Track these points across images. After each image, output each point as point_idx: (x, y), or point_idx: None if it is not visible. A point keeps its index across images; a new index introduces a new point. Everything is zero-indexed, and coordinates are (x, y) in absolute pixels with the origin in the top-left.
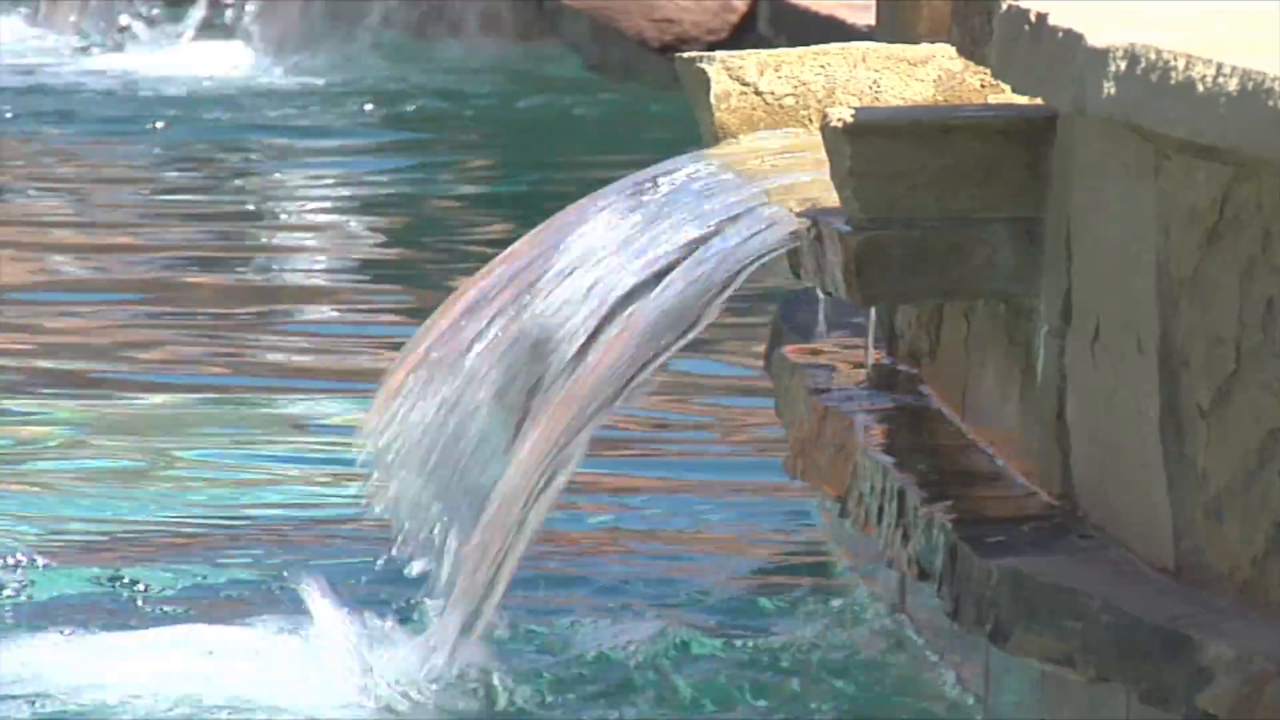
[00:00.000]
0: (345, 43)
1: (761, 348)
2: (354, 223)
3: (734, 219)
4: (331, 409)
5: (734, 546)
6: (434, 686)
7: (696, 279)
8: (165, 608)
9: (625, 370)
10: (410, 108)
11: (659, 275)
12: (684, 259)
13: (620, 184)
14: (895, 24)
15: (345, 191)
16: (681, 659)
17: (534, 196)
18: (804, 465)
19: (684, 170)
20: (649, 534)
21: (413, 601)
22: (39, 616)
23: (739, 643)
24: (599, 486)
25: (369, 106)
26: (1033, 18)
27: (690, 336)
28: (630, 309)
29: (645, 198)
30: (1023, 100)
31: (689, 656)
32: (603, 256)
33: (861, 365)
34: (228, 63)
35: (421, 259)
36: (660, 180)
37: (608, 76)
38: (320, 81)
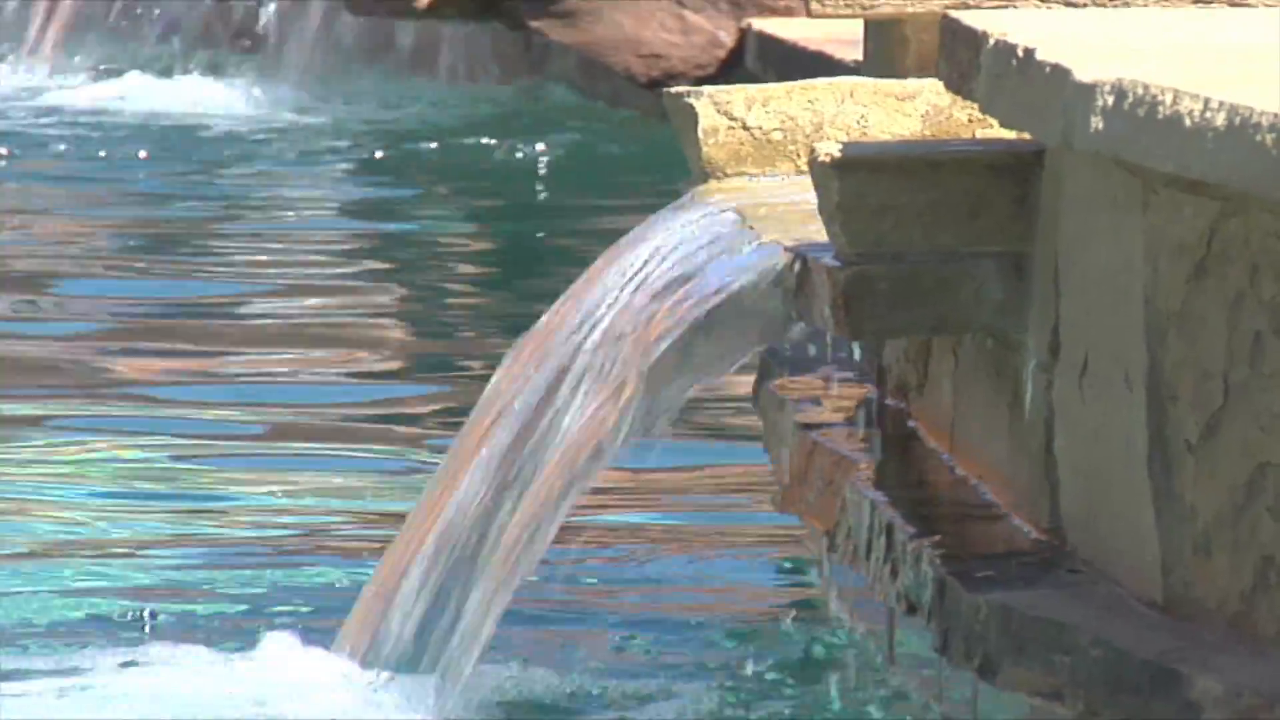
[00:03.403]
0: (335, 81)
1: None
2: (337, 264)
3: (721, 255)
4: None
5: (726, 590)
6: None
7: (686, 317)
8: (131, 641)
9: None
10: (397, 146)
11: (648, 314)
12: (674, 296)
13: (623, 242)
14: (883, 59)
15: (330, 230)
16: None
17: (523, 240)
18: (792, 500)
19: (678, 214)
20: (641, 581)
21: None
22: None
23: (729, 684)
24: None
25: (357, 146)
26: (1020, 52)
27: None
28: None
29: (648, 254)
30: (1010, 135)
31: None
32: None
33: (850, 399)
34: (215, 100)
35: (413, 301)
36: (657, 228)
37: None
38: (310, 120)
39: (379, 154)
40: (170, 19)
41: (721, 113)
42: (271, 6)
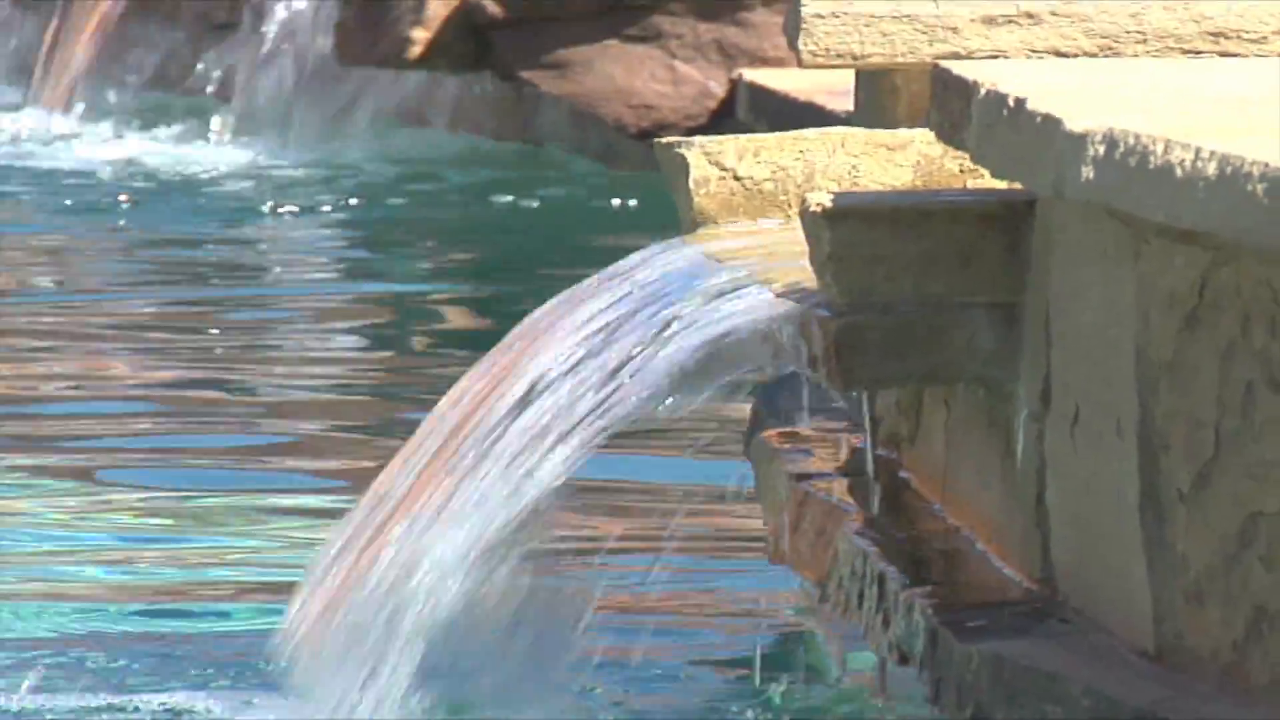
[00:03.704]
0: (321, 131)
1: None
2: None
3: (714, 304)
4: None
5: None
6: None
7: (675, 364)
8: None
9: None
10: (387, 198)
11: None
12: (663, 345)
13: (597, 278)
14: (874, 109)
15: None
16: None
17: (516, 290)
18: (785, 551)
19: (664, 257)
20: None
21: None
22: None
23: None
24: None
25: (345, 197)
26: (1011, 102)
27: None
28: (606, 394)
29: (623, 289)
30: (1002, 185)
31: None
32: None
33: (842, 449)
34: (195, 150)
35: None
36: (640, 269)
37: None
38: (297, 171)
39: (363, 205)
40: (150, 68)
41: (713, 163)
42: (257, 57)
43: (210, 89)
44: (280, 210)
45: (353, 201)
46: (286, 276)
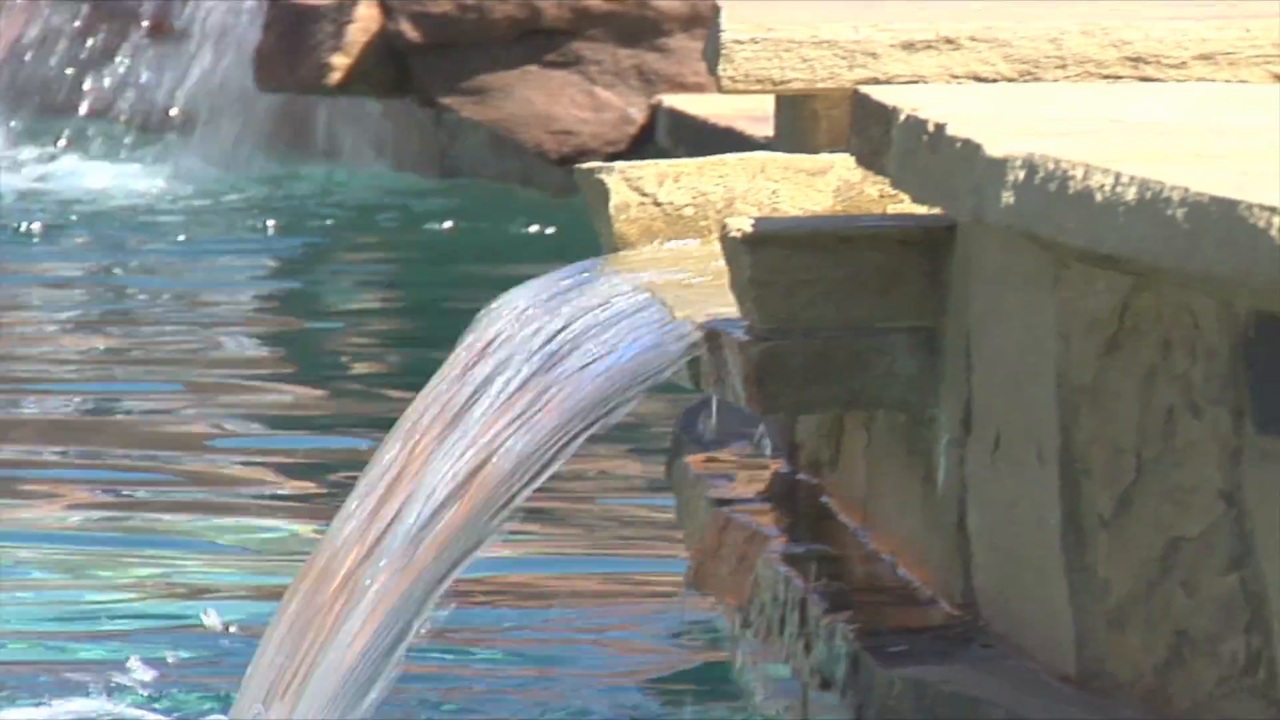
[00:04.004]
0: (247, 158)
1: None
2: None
3: (633, 330)
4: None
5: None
6: None
7: (593, 392)
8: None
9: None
10: (310, 224)
11: (552, 388)
12: (580, 373)
13: (517, 304)
14: (794, 135)
15: (235, 305)
16: None
17: (441, 318)
18: (705, 577)
19: (580, 282)
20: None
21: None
22: None
23: None
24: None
25: (269, 223)
26: (931, 128)
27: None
28: (520, 426)
29: (542, 315)
30: (922, 210)
31: None
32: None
33: (763, 474)
34: (126, 178)
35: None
36: (556, 294)
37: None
38: (221, 199)
39: (285, 231)
40: (88, 96)
41: (633, 188)
42: (187, 83)
43: (125, 114)
44: (196, 237)
45: (271, 225)
46: (203, 301)
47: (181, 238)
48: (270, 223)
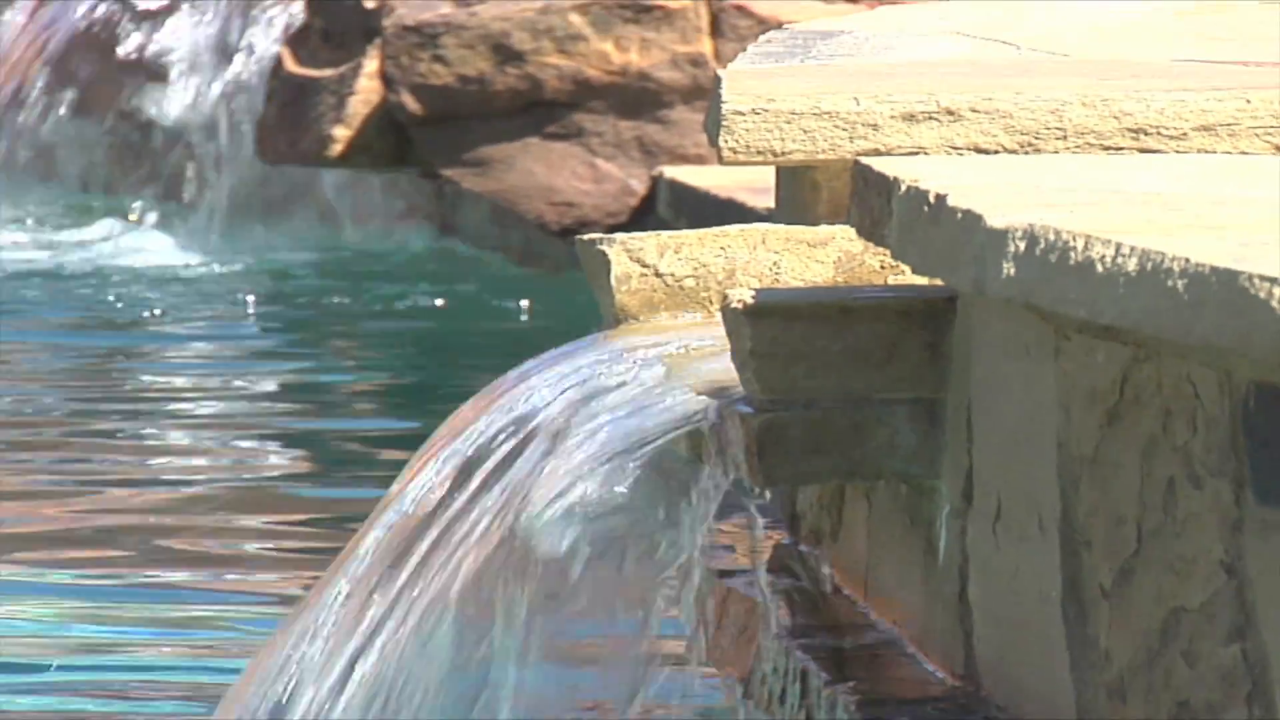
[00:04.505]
0: (248, 228)
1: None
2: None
3: (634, 401)
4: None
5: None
6: None
7: (595, 463)
8: None
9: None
10: (305, 294)
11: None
12: (580, 443)
13: (516, 374)
14: (795, 206)
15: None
16: None
17: (436, 390)
18: (706, 647)
19: (584, 354)
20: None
21: None
22: None
23: None
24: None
25: (265, 293)
26: (932, 199)
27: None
28: (522, 496)
29: (543, 387)
30: (923, 281)
31: None
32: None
33: (764, 545)
34: (126, 246)
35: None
36: (560, 365)
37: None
38: (220, 268)
39: (286, 301)
40: (82, 162)
41: (634, 259)
42: (188, 151)
43: (141, 183)
44: (195, 304)
45: (274, 295)
46: (197, 368)
47: (177, 302)
48: (259, 293)
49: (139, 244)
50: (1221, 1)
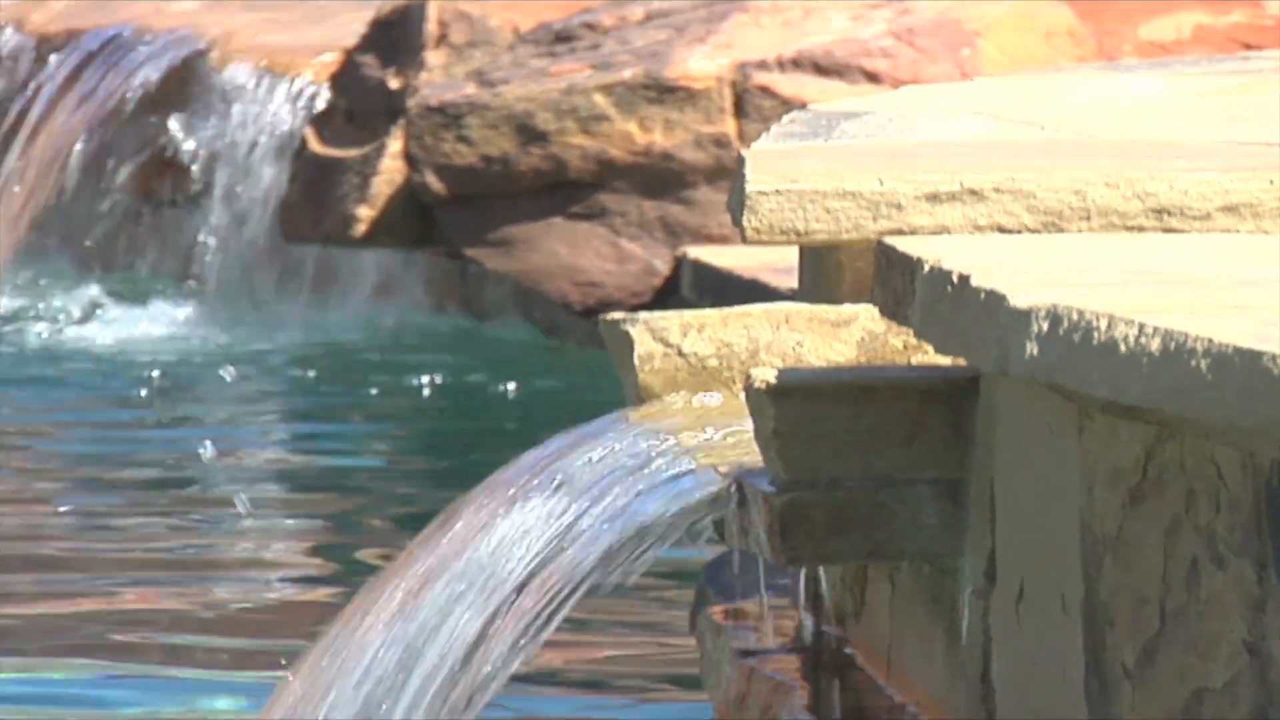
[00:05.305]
0: (268, 307)
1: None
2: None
3: (657, 482)
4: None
5: None
6: None
7: (615, 543)
8: None
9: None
10: (327, 375)
11: (572, 537)
12: (603, 523)
13: (537, 455)
14: (818, 286)
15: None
16: None
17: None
18: None
19: (609, 434)
20: None
21: None
22: None
23: None
24: None
25: (286, 374)
26: (955, 279)
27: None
28: (545, 572)
29: (567, 467)
30: (946, 360)
31: None
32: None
33: (787, 625)
34: (140, 326)
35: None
36: (584, 446)
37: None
38: (241, 348)
39: (308, 382)
40: (97, 242)
41: (657, 339)
42: (208, 227)
43: (159, 262)
44: (209, 380)
45: (296, 376)
46: (209, 446)
47: (196, 382)
48: (285, 373)
49: (157, 322)
50: (1244, 80)
